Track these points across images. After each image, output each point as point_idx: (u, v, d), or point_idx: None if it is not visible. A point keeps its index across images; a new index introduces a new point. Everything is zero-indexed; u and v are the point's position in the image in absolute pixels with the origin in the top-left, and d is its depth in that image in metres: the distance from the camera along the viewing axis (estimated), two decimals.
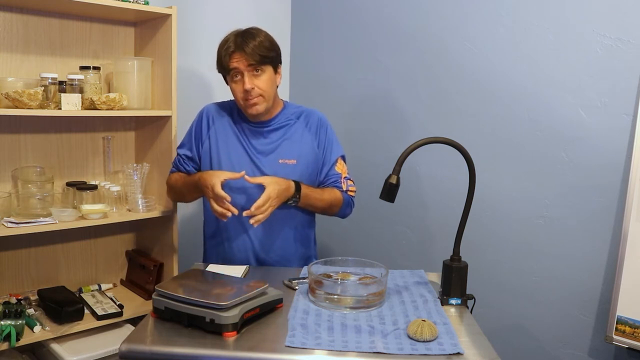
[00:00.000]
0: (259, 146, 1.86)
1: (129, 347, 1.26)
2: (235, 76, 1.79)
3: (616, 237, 1.78)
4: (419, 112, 2.32)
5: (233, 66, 1.77)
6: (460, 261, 1.55)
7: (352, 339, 1.28)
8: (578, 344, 1.91)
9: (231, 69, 1.77)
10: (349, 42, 2.57)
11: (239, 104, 1.83)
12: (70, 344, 1.90)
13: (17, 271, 2.10)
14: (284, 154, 1.86)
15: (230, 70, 1.78)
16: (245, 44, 1.76)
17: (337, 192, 1.90)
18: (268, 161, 1.84)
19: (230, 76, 1.80)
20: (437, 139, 1.52)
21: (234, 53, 1.77)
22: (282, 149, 1.86)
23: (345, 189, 1.92)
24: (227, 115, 1.91)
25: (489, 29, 2.07)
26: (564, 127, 1.90)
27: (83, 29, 2.14)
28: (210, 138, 1.88)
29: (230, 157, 1.85)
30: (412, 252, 2.40)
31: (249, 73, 1.77)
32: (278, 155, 1.85)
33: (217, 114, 1.91)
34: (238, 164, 1.83)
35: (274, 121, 1.88)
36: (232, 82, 1.81)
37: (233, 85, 1.81)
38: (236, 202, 1.76)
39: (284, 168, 1.84)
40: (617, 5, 1.75)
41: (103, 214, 2.00)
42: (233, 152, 1.85)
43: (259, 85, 1.78)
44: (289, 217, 1.86)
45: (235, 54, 1.77)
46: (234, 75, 1.79)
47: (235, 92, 1.81)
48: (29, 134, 2.07)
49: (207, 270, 1.67)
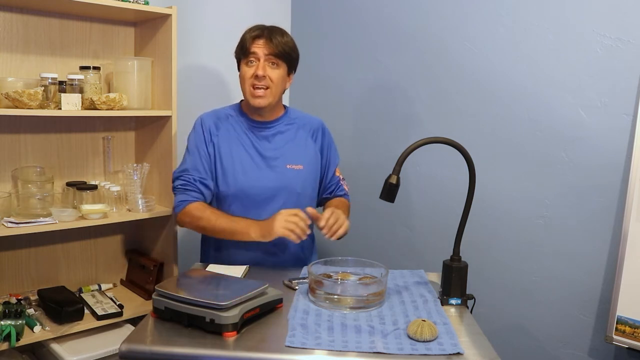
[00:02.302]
0: (264, 151, 1.84)
1: (129, 347, 1.26)
2: (251, 61, 1.78)
3: (616, 237, 1.78)
4: (419, 112, 2.32)
5: (254, 50, 1.77)
6: (460, 261, 1.55)
7: (352, 339, 1.28)
8: (578, 344, 1.91)
9: (251, 52, 1.77)
10: (349, 42, 2.57)
11: (244, 90, 1.81)
12: (70, 344, 1.90)
13: (17, 271, 2.10)
14: (291, 160, 1.85)
15: (249, 53, 1.78)
16: (272, 35, 1.78)
17: (344, 200, 2.00)
18: (276, 166, 1.83)
19: (246, 60, 1.79)
20: (437, 139, 1.52)
21: (259, 39, 1.78)
22: (289, 154, 1.86)
23: (346, 191, 2.03)
24: (225, 122, 1.87)
25: (489, 29, 2.07)
26: (564, 127, 1.90)
27: (83, 29, 2.14)
28: (214, 146, 1.83)
29: (234, 164, 1.82)
30: (412, 252, 2.40)
31: (266, 62, 1.78)
32: (285, 161, 1.85)
33: (215, 122, 1.86)
34: (245, 170, 1.81)
35: (275, 123, 1.88)
36: (245, 66, 1.80)
37: (245, 68, 1.80)
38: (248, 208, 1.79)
39: (291, 173, 1.84)
40: (617, 5, 1.75)
41: (103, 214, 2.00)
42: (238, 159, 1.82)
43: (270, 76, 1.78)
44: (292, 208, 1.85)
45: (261, 39, 1.78)
46: (249, 60, 1.79)
47: (245, 77, 1.79)
48: (29, 134, 2.07)
49: (207, 270, 1.67)
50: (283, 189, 1.83)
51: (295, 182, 1.84)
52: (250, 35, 1.79)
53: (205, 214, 1.75)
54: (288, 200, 1.83)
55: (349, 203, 2.01)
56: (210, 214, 1.75)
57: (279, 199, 1.82)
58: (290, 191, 1.84)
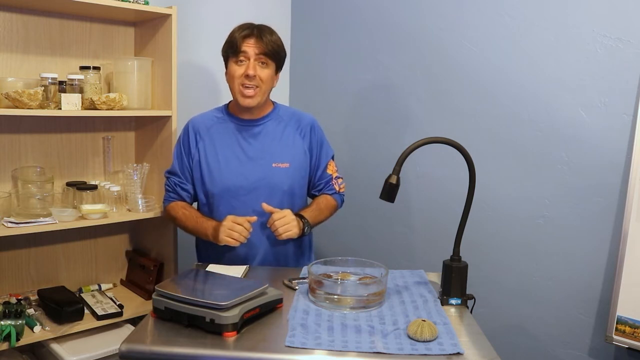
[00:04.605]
0: (250, 151, 1.85)
1: (129, 347, 1.26)
2: (241, 60, 1.78)
3: (616, 237, 1.78)
4: (419, 112, 2.32)
5: (244, 49, 1.77)
6: (460, 261, 1.55)
7: (352, 339, 1.28)
8: (578, 344, 1.91)
9: (242, 51, 1.77)
10: (349, 42, 2.57)
11: (233, 89, 1.81)
12: (70, 344, 1.90)
13: (17, 271, 2.10)
14: (277, 158, 1.85)
15: (239, 52, 1.77)
16: (262, 34, 1.78)
17: (329, 197, 1.96)
18: (262, 165, 1.83)
19: (236, 59, 1.79)
20: (437, 139, 1.52)
21: (249, 37, 1.78)
22: (275, 152, 1.86)
23: (337, 190, 1.98)
24: (213, 125, 1.88)
25: (489, 29, 2.07)
26: (564, 127, 1.90)
27: (83, 29, 2.14)
28: (199, 150, 1.86)
29: (220, 164, 1.84)
30: (412, 252, 2.40)
31: (256, 61, 1.78)
32: (272, 159, 1.85)
33: (203, 125, 1.88)
34: (230, 169, 1.83)
35: (263, 120, 1.88)
36: (234, 65, 1.79)
37: (235, 67, 1.79)
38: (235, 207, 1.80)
39: (277, 172, 1.84)
40: (617, 5, 1.75)
41: (103, 214, 2.00)
42: (224, 159, 1.84)
43: (260, 76, 1.78)
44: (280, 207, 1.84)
45: (251, 38, 1.78)
46: (239, 59, 1.78)
47: (234, 76, 1.79)
48: (29, 134, 2.07)
49: (207, 270, 1.67)
50: (269, 187, 1.84)
51: (281, 180, 1.84)
52: (241, 35, 1.78)
53: (178, 214, 1.88)
54: (275, 198, 1.83)
55: (335, 203, 1.97)
56: (182, 214, 1.87)
57: (265, 198, 1.82)
58: (277, 189, 1.85)
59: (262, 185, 1.83)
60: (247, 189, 1.82)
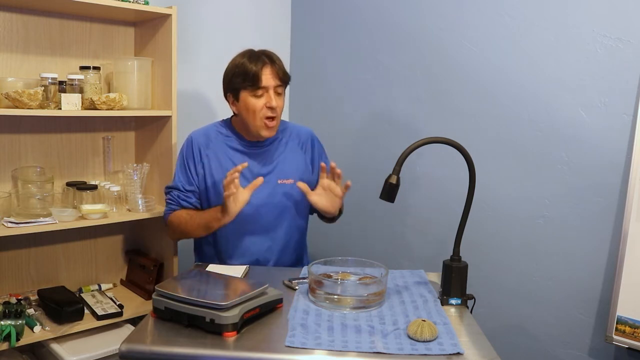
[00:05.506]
0: (255, 169, 1.83)
1: (129, 347, 1.26)
2: (258, 92, 1.73)
3: (616, 237, 1.78)
4: (419, 112, 2.32)
5: (265, 83, 1.71)
6: (460, 261, 1.55)
7: (352, 339, 1.28)
8: (578, 344, 1.91)
9: (263, 85, 1.72)
10: (349, 42, 2.57)
11: (254, 121, 1.76)
12: (70, 344, 1.90)
13: (17, 271, 2.10)
14: (281, 174, 1.86)
15: (260, 87, 1.72)
16: (273, 62, 1.74)
17: None
18: (267, 182, 1.80)
19: (254, 92, 1.73)
20: (437, 139, 1.52)
21: (266, 66, 1.73)
22: (279, 169, 1.86)
23: None
24: (215, 141, 1.86)
25: (489, 29, 2.07)
26: (564, 127, 1.90)
27: (83, 29, 2.14)
28: (204, 165, 1.84)
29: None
30: (412, 252, 2.40)
31: (274, 92, 1.74)
32: (277, 176, 1.85)
33: (206, 140, 1.86)
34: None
35: (269, 140, 1.86)
36: (251, 97, 1.74)
37: (253, 100, 1.73)
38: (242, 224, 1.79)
39: (282, 188, 1.85)
40: (617, 5, 1.75)
41: (103, 214, 2.00)
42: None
43: (279, 105, 1.76)
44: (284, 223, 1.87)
45: (268, 67, 1.73)
46: (257, 91, 1.73)
47: (256, 109, 1.74)
48: (29, 134, 2.07)
49: (207, 270, 1.67)
50: (273, 204, 1.84)
51: (287, 197, 1.85)
52: (257, 67, 1.72)
53: (182, 219, 1.81)
54: (279, 215, 1.85)
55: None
56: (186, 215, 1.81)
57: (272, 215, 1.84)
58: (281, 206, 1.85)
59: (267, 202, 1.83)
60: (253, 206, 1.79)
